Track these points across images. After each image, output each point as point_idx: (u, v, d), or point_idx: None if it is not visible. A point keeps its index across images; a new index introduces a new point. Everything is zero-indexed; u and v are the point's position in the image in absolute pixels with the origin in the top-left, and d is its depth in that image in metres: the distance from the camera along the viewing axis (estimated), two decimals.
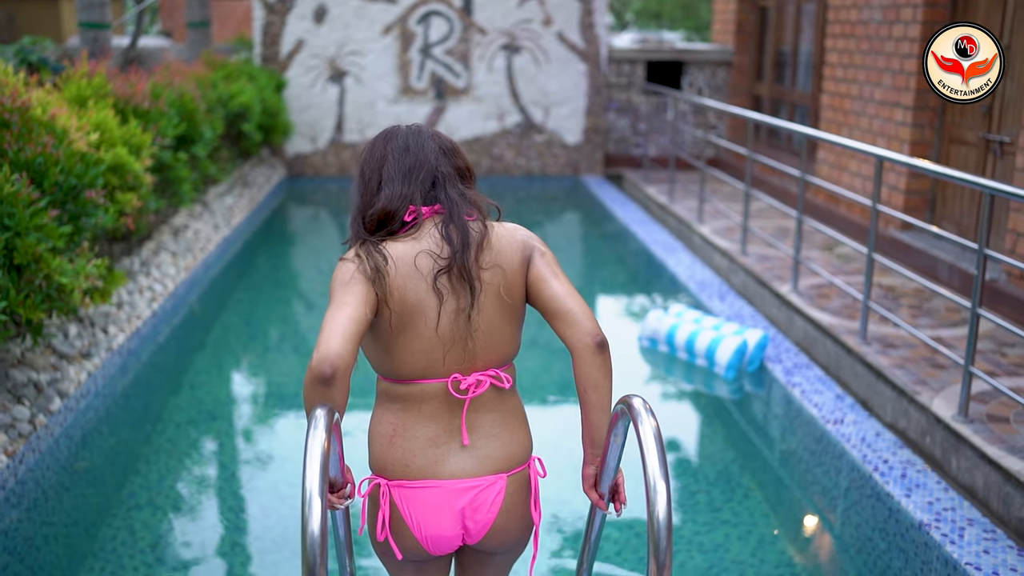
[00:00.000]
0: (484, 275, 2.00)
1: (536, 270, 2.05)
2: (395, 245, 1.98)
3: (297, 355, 6.37)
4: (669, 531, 1.70)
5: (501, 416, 2.07)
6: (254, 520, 4.12)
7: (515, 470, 2.09)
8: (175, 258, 7.16)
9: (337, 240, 10.17)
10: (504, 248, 2.04)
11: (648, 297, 7.95)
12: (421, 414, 2.02)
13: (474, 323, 1.98)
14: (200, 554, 3.87)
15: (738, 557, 3.92)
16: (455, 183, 2.06)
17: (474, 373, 2.02)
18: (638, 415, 1.84)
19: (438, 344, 1.97)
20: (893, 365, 5.00)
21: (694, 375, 5.76)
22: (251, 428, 5.20)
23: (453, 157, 2.10)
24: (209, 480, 4.55)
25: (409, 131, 2.10)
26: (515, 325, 2.08)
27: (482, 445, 2.04)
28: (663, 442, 1.79)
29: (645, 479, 1.74)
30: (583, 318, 2.01)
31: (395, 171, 2.02)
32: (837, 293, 6.33)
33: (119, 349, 5.39)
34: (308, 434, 1.72)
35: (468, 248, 1.96)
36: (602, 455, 2.09)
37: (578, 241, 10.38)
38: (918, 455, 4.33)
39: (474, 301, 1.97)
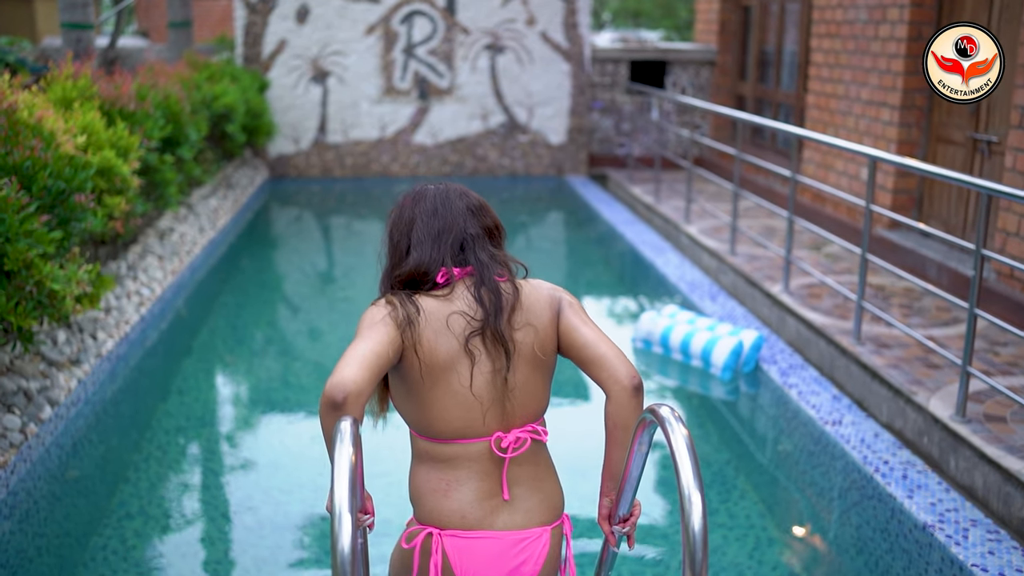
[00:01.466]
0: (517, 335, 2.03)
1: (566, 320, 2.09)
2: (427, 300, 2.01)
3: (284, 359, 6.31)
4: (705, 543, 1.67)
5: (539, 469, 2.13)
6: (248, 529, 4.07)
7: (555, 524, 2.15)
8: (161, 261, 7.08)
9: (321, 241, 10.10)
10: (533, 305, 2.08)
11: (639, 298, 7.94)
12: (472, 471, 2.06)
13: (510, 383, 2.02)
14: (193, 564, 3.81)
15: (736, 559, 3.90)
16: (485, 244, 2.09)
17: (514, 431, 2.06)
18: (668, 424, 1.81)
19: (475, 403, 2.00)
20: (888, 365, 5.00)
21: (690, 376, 5.75)
22: (241, 434, 5.14)
23: (482, 216, 2.12)
24: (201, 488, 4.49)
25: (437, 192, 2.12)
26: (548, 379, 2.13)
27: (526, 498, 2.10)
28: (695, 452, 1.76)
29: (679, 490, 1.71)
30: (618, 362, 2.04)
31: (424, 235, 2.04)
32: (828, 293, 6.33)
33: (108, 355, 5.32)
34: (335, 448, 1.68)
35: (501, 312, 2.00)
36: (624, 471, 2.07)
37: (565, 242, 10.36)
38: (917, 456, 4.33)
39: (510, 364, 2.01)
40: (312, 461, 4.72)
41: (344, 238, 10.42)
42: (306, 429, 5.22)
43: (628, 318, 7.34)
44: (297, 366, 6.16)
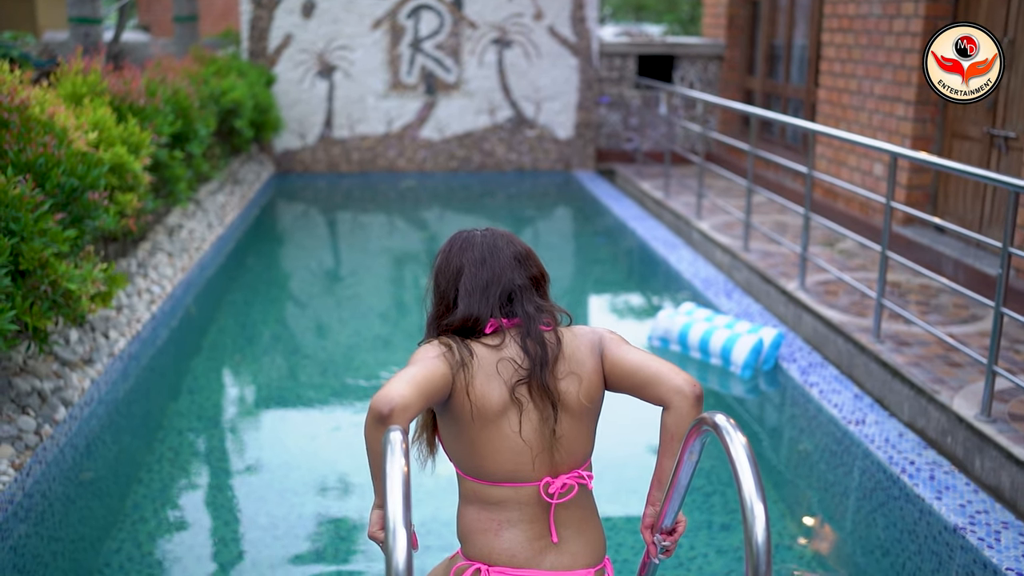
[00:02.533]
0: (561, 385, 2.05)
1: (610, 356, 2.09)
2: (479, 347, 2.04)
3: (294, 357, 6.26)
4: (768, 555, 1.62)
5: (585, 512, 2.14)
6: (262, 531, 4.02)
7: (598, 566, 2.16)
8: (171, 259, 7.02)
9: (327, 237, 10.04)
10: (575, 353, 2.08)
11: (653, 295, 7.88)
12: (523, 515, 2.08)
13: (558, 433, 2.04)
14: (208, 567, 3.76)
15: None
16: (531, 296, 2.10)
17: (561, 476, 2.08)
18: (726, 433, 1.75)
19: (525, 449, 2.03)
20: (908, 363, 4.94)
21: (709, 374, 5.69)
22: (252, 434, 5.09)
23: (528, 265, 2.13)
24: (213, 489, 4.44)
25: (484, 240, 2.13)
26: (594, 424, 2.14)
27: (572, 540, 2.11)
28: (755, 460, 1.70)
29: (741, 501, 1.65)
30: (673, 373, 2.03)
31: (472, 286, 2.07)
32: (845, 290, 6.28)
33: (120, 354, 5.26)
34: (386, 459, 1.63)
35: (546, 364, 2.02)
36: (672, 480, 2.02)
37: (575, 237, 10.30)
38: (943, 456, 4.27)
39: (557, 415, 2.03)
40: (325, 461, 4.68)
41: (351, 234, 10.36)
42: (317, 428, 5.18)
43: (643, 315, 7.29)
44: (306, 364, 6.11)
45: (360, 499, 4.29)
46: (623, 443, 4.68)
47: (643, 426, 5.10)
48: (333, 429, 5.18)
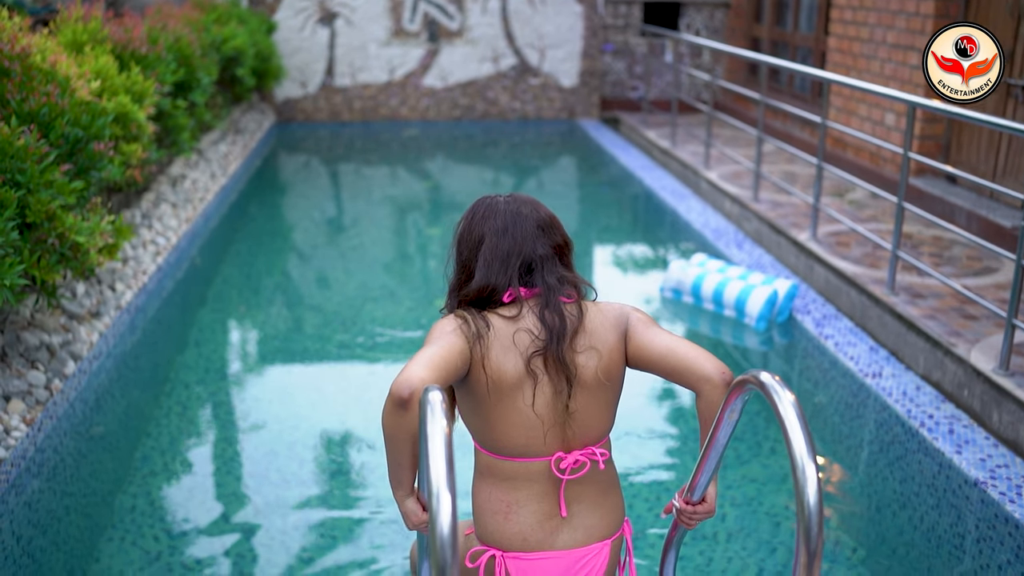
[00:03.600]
0: (579, 359, 1.99)
1: (637, 338, 2.03)
2: (496, 318, 1.99)
3: (300, 308, 6.21)
4: (820, 517, 1.57)
5: (601, 487, 2.11)
6: (272, 485, 3.99)
7: (615, 536, 2.14)
8: (175, 210, 6.94)
9: (330, 187, 9.95)
10: (598, 329, 2.02)
11: (663, 245, 7.82)
12: (532, 492, 2.05)
13: (571, 408, 1.99)
14: (219, 521, 3.74)
15: (771, 510, 3.84)
16: (553, 265, 2.03)
17: (574, 452, 2.03)
18: (773, 391, 1.69)
19: (537, 423, 1.98)
20: (924, 316, 4.89)
21: (723, 326, 5.65)
22: (260, 388, 5.06)
23: (551, 234, 2.06)
24: (222, 443, 4.42)
25: (507, 208, 2.06)
26: (612, 402, 2.08)
27: (586, 515, 2.08)
28: (806, 419, 1.64)
29: (792, 462, 1.60)
30: (704, 359, 1.98)
31: (492, 256, 2.01)
32: (857, 240, 6.21)
33: (128, 307, 5.21)
34: (425, 422, 1.58)
35: (564, 337, 1.96)
36: (711, 438, 1.97)
37: (581, 187, 10.20)
38: (962, 411, 4.24)
39: (571, 390, 1.97)
40: (333, 414, 4.65)
41: (353, 183, 10.26)
42: (324, 380, 5.14)
43: (653, 265, 7.23)
44: (312, 316, 6.06)
45: (370, 451, 4.27)
46: (647, 404, 4.65)
47: (670, 389, 5.07)
48: (340, 381, 5.15)
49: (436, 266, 7.33)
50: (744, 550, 3.57)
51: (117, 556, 3.50)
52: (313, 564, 3.44)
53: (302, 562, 3.47)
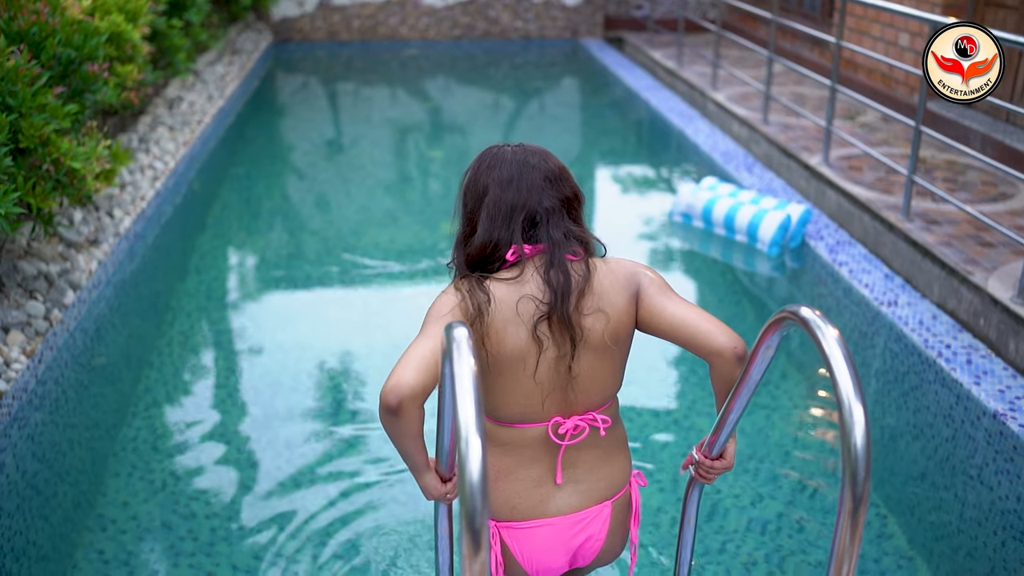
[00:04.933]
0: (586, 321, 1.87)
1: (648, 303, 1.91)
2: (498, 286, 1.86)
3: (301, 234, 6.11)
4: (868, 461, 1.48)
5: (602, 451, 2.02)
6: (276, 417, 3.95)
7: (618, 495, 2.06)
8: (172, 133, 6.78)
9: (329, 109, 9.75)
10: (607, 290, 1.90)
11: (670, 169, 7.68)
12: (524, 457, 1.96)
13: (574, 371, 1.89)
14: (222, 454, 3.70)
15: (780, 441, 3.80)
16: (560, 219, 1.89)
17: (573, 417, 1.93)
18: (816, 327, 1.58)
19: (536, 390, 1.89)
20: (939, 243, 4.79)
21: (734, 252, 5.55)
22: (262, 315, 4.98)
23: (560, 186, 1.92)
24: (225, 373, 4.35)
25: (514, 158, 1.91)
26: (618, 366, 1.97)
27: (584, 479, 2.00)
28: (852, 356, 1.55)
29: (838, 402, 1.50)
30: (717, 332, 1.86)
31: (496, 208, 1.88)
32: (869, 165, 6.08)
33: (126, 234, 5.10)
34: (451, 359, 1.50)
35: (569, 295, 1.84)
36: (744, 373, 1.87)
37: (584, 109, 10.01)
38: (978, 339, 4.17)
39: (575, 351, 1.87)
40: (337, 340, 4.59)
41: (352, 105, 10.06)
42: (326, 307, 5.06)
43: (660, 189, 7.11)
44: (313, 241, 5.96)
45: (374, 378, 4.21)
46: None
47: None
48: (342, 307, 5.07)
49: (438, 189, 7.20)
50: (754, 480, 3.53)
51: (122, 488, 3.46)
52: (317, 494, 3.41)
53: (309, 491, 3.42)
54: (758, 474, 3.59)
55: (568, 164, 2.12)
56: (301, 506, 3.37)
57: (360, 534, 3.24)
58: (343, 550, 3.16)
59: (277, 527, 3.27)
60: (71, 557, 3.14)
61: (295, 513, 3.33)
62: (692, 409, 4.03)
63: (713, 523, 3.31)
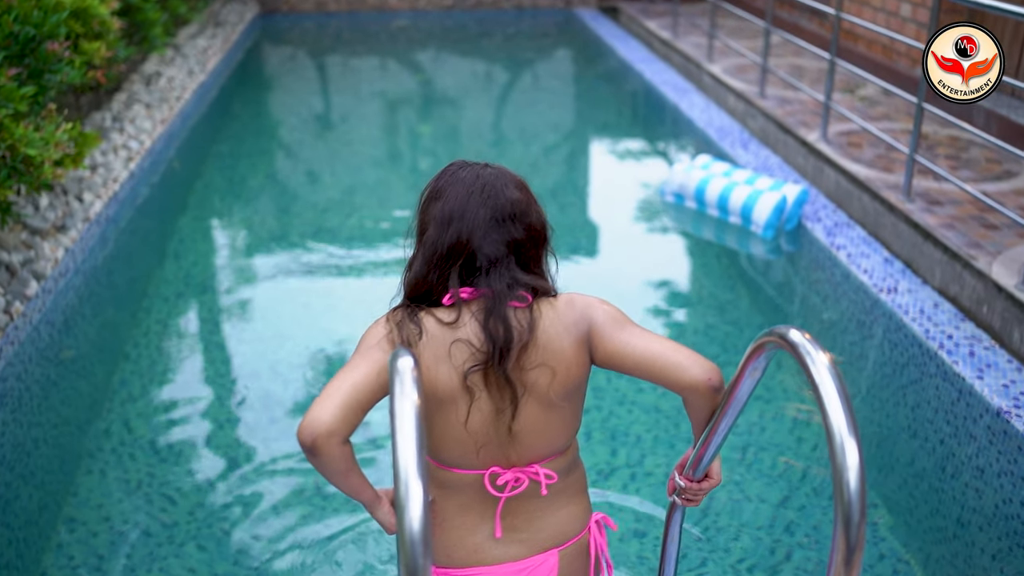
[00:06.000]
0: (528, 376, 1.68)
1: (605, 343, 1.69)
2: (432, 322, 1.68)
3: (287, 216, 5.93)
4: (863, 503, 1.31)
5: (548, 501, 1.81)
6: (256, 409, 3.80)
7: (568, 543, 1.85)
8: (150, 110, 6.58)
9: (317, 82, 9.55)
10: (553, 340, 1.68)
11: (664, 144, 7.49)
12: (460, 505, 1.79)
13: (514, 428, 1.70)
14: (201, 448, 3.55)
15: (774, 438, 3.64)
16: (504, 268, 1.67)
17: (514, 469, 1.74)
18: (805, 352, 1.42)
19: (469, 439, 1.71)
20: (941, 225, 4.61)
21: (727, 234, 5.37)
22: (245, 301, 4.81)
23: (510, 227, 1.68)
24: (205, 363, 4.19)
25: (466, 189, 1.69)
26: (568, 418, 1.76)
27: (525, 528, 1.80)
28: (845, 385, 1.37)
29: (829, 437, 1.33)
30: (687, 363, 1.66)
31: (432, 250, 1.69)
32: (869, 141, 5.88)
33: (97, 218, 4.91)
34: (393, 394, 1.35)
35: (509, 350, 1.65)
36: (728, 397, 1.71)
37: (577, 81, 9.80)
38: (982, 329, 4.00)
39: (515, 409, 1.68)
40: (320, 330, 4.43)
41: (341, 78, 9.84)
42: (311, 294, 4.89)
43: (653, 166, 6.92)
44: (299, 223, 5.78)
45: None
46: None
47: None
48: (326, 294, 4.90)
49: (428, 167, 7.01)
50: (749, 474, 3.38)
51: (95, 488, 3.31)
52: (299, 492, 3.25)
53: (287, 488, 3.27)
54: (748, 476, 3.44)
55: (559, 139, 1.91)
56: (284, 509, 3.21)
57: (344, 540, 3.09)
58: (324, 553, 3.01)
59: (259, 529, 3.12)
60: (38, 563, 2.99)
61: (278, 515, 3.18)
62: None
63: (706, 520, 3.17)
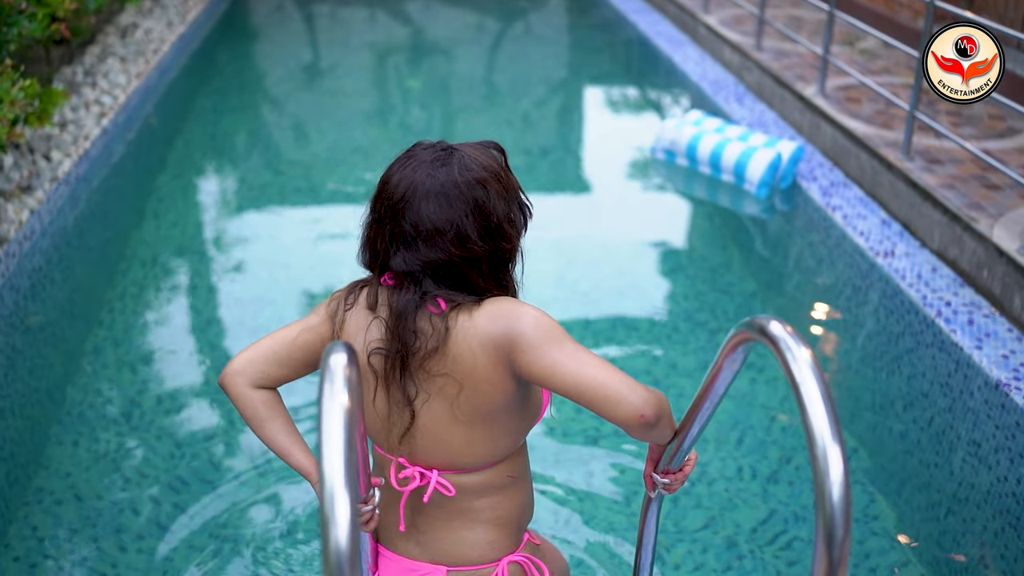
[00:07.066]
0: (434, 382, 1.57)
1: (531, 368, 1.52)
2: (364, 296, 1.63)
3: (269, 172, 5.76)
4: (847, 515, 1.16)
5: (450, 514, 1.70)
6: None
7: (461, 567, 1.72)
8: (124, 64, 6.36)
9: (305, 34, 9.30)
10: (464, 355, 1.54)
11: (657, 98, 7.29)
12: (386, 482, 1.71)
13: (415, 426, 1.61)
14: (179, 417, 3.43)
15: (766, 402, 3.52)
16: (432, 277, 1.54)
17: (418, 465, 1.64)
18: (785, 347, 1.27)
19: (376, 417, 1.64)
20: (941, 184, 4.45)
21: (720, 192, 5.21)
22: (225, 263, 4.66)
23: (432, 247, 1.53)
24: (185, 328, 4.05)
25: (407, 190, 1.54)
26: (476, 438, 1.61)
27: (425, 531, 1.72)
28: (828, 385, 1.23)
29: (810, 442, 1.19)
30: (617, 401, 1.48)
31: (364, 239, 1.62)
32: (868, 96, 5.70)
33: (66, 177, 4.74)
34: (322, 395, 1.22)
35: (409, 356, 1.55)
36: (703, 393, 1.59)
37: (570, 31, 9.58)
38: (981, 295, 3.86)
39: (412, 410, 1.59)
40: (301, 293, 4.29)
41: (329, 28, 9.61)
42: (293, 255, 4.74)
43: (646, 120, 6.74)
44: (284, 182, 5.61)
45: None
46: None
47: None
48: (310, 256, 4.74)
49: (417, 122, 6.83)
50: (737, 451, 3.26)
51: (66, 460, 3.18)
52: (275, 459, 3.13)
53: (264, 458, 3.15)
54: (741, 444, 3.32)
55: (550, 93, 1.74)
56: (260, 479, 3.09)
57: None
58: (306, 517, 2.90)
59: (234, 498, 3.00)
60: (3, 535, 2.88)
61: (252, 485, 3.06)
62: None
63: (692, 496, 3.05)
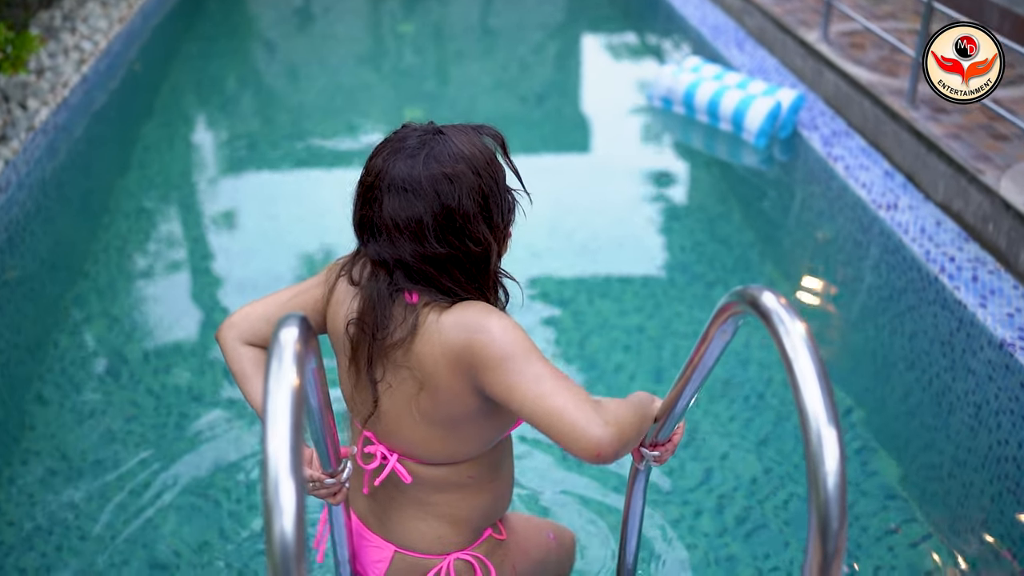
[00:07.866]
0: (398, 372, 1.52)
1: (491, 387, 1.45)
2: (359, 268, 1.58)
3: (258, 120, 5.63)
4: (843, 504, 1.07)
5: (404, 499, 1.67)
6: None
7: (408, 552, 1.70)
8: (106, 8, 6.19)
9: None
10: (426, 357, 1.48)
11: (656, 42, 7.10)
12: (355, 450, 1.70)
13: (379, 407, 1.57)
14: (166, 371, 3.35)
15: (764, 360, 3.43)
16: (403, 271, 1.49)
17: (381, 444, 1.62)
18: (776, 319, 1.18)
19: (348, 383, 1.62)
20: (947, 135, 4.31)
21: (717, 142, 5.08)
22: (213, 214, 4.56)
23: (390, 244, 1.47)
24: (172, 284, 3.98)
25: (379, 175, 1.47)
26: (436, 439, 1.56)
27: (384, 507, 1.70)
28: (822, 361, 1.13)
29: (803, 424, 1.09)
30: (576, 434, 1.38)
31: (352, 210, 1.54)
32: (873, 42, 5.52)
33: (44, 126, 4.60)
34: (269, 372, 1.11)
35: (377, 335, 1.51)
36: (690, 361, 1.52)
37: None
38: (986, 250, 3.74)
39: (375, 392, 1.55)
40: (289, 245, 4.19)
41: None
42: (282, 208, 4.62)
43: (643, 66, 6.56)
44: (273, 130, 5.48)
45: None
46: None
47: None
48: (297, 208, 4.63)
49: (411, 67, 6.66)
50: (731, 408, 3.18)
51: (50, 420, 3.10)
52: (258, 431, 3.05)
53: (253, 414, 3.07)
54: (735, 402, 3.23)
55: (548, 36, 1.62)
56: (251, 436, 3.01)
57: None
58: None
59: (225, 456, 2.95)
60: None
61: (243, 443, 2.99)
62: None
63: (687, 451, 2.98)
